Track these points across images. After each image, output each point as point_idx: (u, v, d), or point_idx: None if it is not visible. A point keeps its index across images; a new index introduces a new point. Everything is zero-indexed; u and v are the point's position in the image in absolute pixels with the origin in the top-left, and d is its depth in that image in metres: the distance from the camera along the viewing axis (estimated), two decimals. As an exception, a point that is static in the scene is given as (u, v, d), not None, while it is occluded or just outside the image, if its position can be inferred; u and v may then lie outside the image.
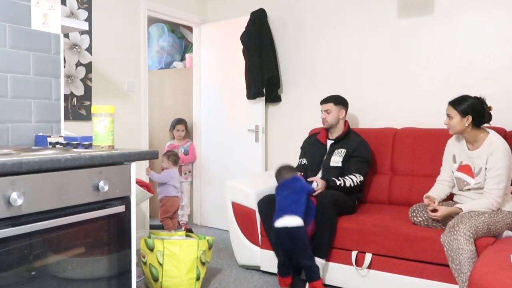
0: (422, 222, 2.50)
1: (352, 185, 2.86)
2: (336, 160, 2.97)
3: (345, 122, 3.14)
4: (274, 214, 2.60)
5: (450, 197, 2.65)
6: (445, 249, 2.21)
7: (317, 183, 2.81)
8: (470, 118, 2.38)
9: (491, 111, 2.43)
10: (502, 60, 2.99)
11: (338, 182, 2.85)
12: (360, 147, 2.99)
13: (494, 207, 2.34)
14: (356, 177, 2.89)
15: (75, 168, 1.49)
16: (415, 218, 2.53)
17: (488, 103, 2.47)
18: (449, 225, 2.25)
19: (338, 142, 3.05)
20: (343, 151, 2.97)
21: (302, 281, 2.63)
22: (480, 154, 2.40)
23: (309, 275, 2.56)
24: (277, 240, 2.60)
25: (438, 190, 2.63)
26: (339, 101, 3.12)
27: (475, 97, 2.43)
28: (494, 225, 2.28)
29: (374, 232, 2.54)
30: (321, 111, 3.13)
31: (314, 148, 3.16)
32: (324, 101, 3.13)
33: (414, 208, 2.58)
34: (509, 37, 2.96)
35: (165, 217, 3.71)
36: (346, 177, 2.88)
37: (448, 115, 2.46)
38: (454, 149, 2.58)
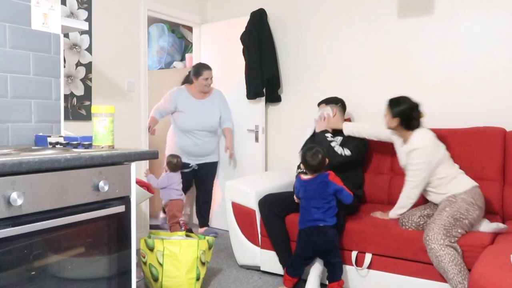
0: (412, 226, 2.53)
1: (338, 151, 2.91)
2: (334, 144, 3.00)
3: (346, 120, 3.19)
4: (301, 212, 2.60)
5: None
6: (432, 262, 2.28)
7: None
8: (398, 120, 2.61)
9: (421, 118, 2.63)
10: (502, 60, 2.99)
11: (329, 138, 2.98)
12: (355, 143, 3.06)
13: (412, 198, 2.59)
14: (345, 150, 2.95)
15: (75, 168, 1.49)
16: (405, 226, 2.55)
17: (489, 103, 2.47)
18: (423, 237, 2.30)
19: (336, 133, 3.09)
20: (339, 139, 3.05)
21: (303, 281, 2.63)
22: (406, 151, 2.62)
23: (333, 275, 2.53)
24: (307, 238, 2.56)
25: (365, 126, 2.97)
26: (335, 102, 3.20)
27: (411, 102, 2.62)
28: (459, 212, 2.33)
29: (374, 232, 2.54)
30: (321, 111, 3.15)
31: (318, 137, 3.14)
32: (325, 102, 3.18)
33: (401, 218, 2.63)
34: (509, 37, 2.96)
35: (174, 223, 3.63)
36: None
37: (385, 113, 2.69)
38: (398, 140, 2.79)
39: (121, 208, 1.65)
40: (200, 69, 3.72)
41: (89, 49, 3.24)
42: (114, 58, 3.43)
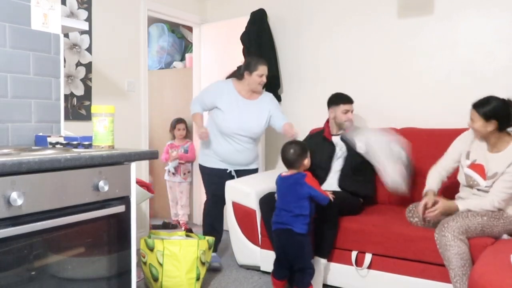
0: (418, 222, 2.50)
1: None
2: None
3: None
4: (274, 212, 2.57)
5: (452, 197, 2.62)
6: (437, 246, 2.24)
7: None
8: (494, 122, 2.27)
9: None
10: (502, 60, 2.99)
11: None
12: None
13: (494, 208, 2.28)
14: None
15: (75, 168, 1.49)
16: (411, 219, 2.53)
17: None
18: (441, 222, 2.25)
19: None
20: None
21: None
22: (500, 159, 2.30)
23: (298, 281, 2.46)
24: (278, 241, 2.54)
25: (436, 181, 2.56)
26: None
27: (501, 100, 2.31)
28: (491, 228, 2.24)
29: (374, 232, 2.54)
30: (345, 110, 3.04)
31: (321, 146, 3.08)
32: (350, 101, 3.08)
33: (410, 208, 2.58)
34: (509, 37, 2.96)
35: None
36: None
37: (471, 119, 2.35)
38: (472, 146, 2.45)
39: (121, 208, 1.65)
40: (257, 63, 3.11)
41: (89, 49, 3.24)
42: (114, 58, 3.43)
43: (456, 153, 2.54)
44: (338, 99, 3.08)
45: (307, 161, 2.55)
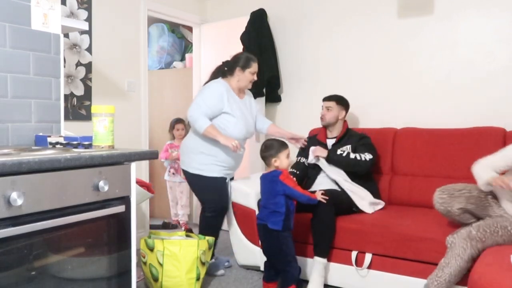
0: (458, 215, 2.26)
1: (358, 158, 2.87)
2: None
3: (344, 122, 3.15)
4: (260, 209, 2.62)
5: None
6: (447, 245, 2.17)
7: (314, 153, 2.91)
8: None
9: None
10: (502, 60, 2.99)
11: (339, 152, 2.90)
12: (365, 137, 3.03)
13: None
14: (365, 154, 2.90)
15: (75, 168, 1.49)
16: (450, 207, 2.25)
17: (489, 104, 2.44)
18: (464, 232, 2.13)
19: (341, 141, 3.05)
20: (348, 147, 2.99)
21: (305, 282, 2.63)
22: None
23: (282, 280, 2.50)
24: (260, 236, 2.60)
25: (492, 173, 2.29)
26: (342, 102, 3.14)
27: None
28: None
29: (374, 232, 2.54)
30: (322, 107, 3.14)
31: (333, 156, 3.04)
32: (327, 99, 3.15)
33: (449, 190, 2.30)
34: (509, 37, 2.96)
35: None
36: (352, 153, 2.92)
37: None
38: None
39: (121, 208, 1.65)
40: (249, 59, 2.92)
41: (89, 49, 3.24)
42: (114, 58, 3.43)
43: (509, 158, 2.33)
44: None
45: (281, 160, 2.54)
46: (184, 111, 4.47)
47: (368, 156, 2.89)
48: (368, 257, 2.55)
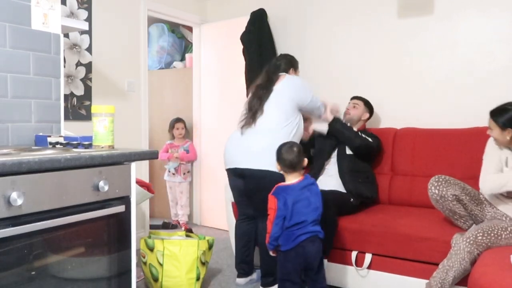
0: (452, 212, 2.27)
1: (360, 134, 2.93)
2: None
3: (363, 125, 3.20)
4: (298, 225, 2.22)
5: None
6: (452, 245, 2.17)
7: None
8: (510, 131, 2.18)
9: None
10: (502, 60, 2.99)
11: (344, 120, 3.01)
12: (374, 136, 3.05)
13: None
14: (367, 138, 2.95)
15: (75, 168, 1.49)
16: (444, 192, 2.24)
17: (489, 104, 2.44)
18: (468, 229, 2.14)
19: None
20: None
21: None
22: None
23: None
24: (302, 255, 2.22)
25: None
26: (368, 104, 3.21)
27: None
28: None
29: (374, 232, 2.54)
30: (349, 103, 3.20)
31: (323, 138, 3.08)
32: (356, 97, 3.23)
33: (446, 178, 2.30)
34: (509, 37, 2.96)
35: None
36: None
37: (489, 127, 2.29)
38: (506, 152, 2.31)
39: (121, 208, 1.65)
40: (297, 62, 2.97)
41: (89, 49, 3.24)
42: (114, 58, 3.43)
43: (496, 159, 2.35)
44: None
45: (306, 161, 2.41)
46: (184, 111, 4.49)
47: (369, 140, 2.95)
48: (368, 257, 2.55)
